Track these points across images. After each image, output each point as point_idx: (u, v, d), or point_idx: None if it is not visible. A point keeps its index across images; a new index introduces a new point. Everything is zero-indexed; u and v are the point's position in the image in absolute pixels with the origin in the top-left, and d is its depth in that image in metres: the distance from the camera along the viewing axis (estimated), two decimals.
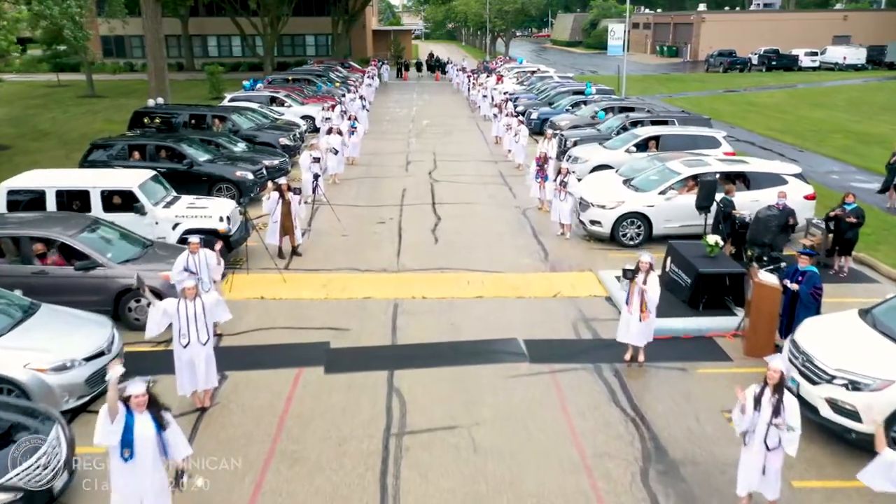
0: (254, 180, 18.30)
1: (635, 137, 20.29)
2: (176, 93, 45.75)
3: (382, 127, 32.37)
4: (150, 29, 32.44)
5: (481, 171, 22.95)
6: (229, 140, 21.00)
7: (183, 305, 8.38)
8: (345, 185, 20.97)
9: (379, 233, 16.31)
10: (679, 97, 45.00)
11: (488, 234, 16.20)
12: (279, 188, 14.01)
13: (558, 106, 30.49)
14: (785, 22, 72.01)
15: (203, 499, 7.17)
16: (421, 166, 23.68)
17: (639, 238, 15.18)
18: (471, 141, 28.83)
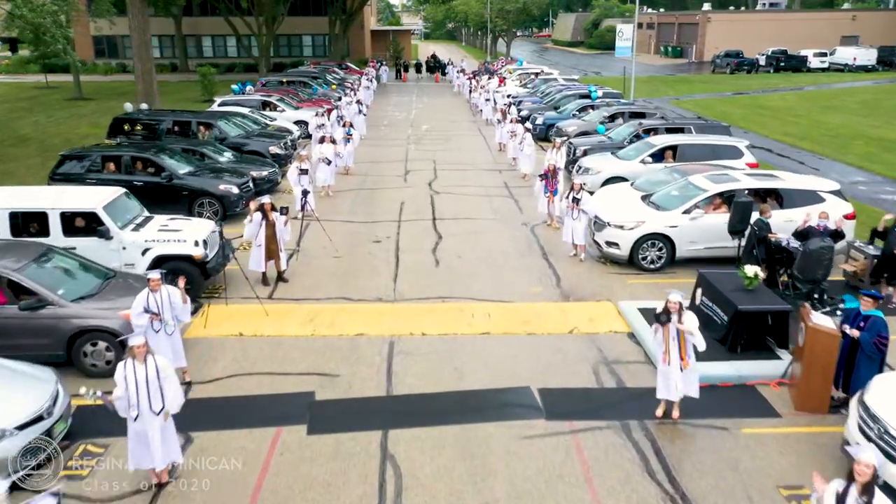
0: (239, 194, 16.89)
1: (651, 147, 18.87)
2: (167, 95, 44.35)
3: (380, 132, 30.94)
4: (137, 29, 31.02)
5: (484, 182, 21.53)
6: (215, 149, 19.59)
7: (130, 368, 6.94)
8: (339, 197, 19.54)
9: (374, 254, 14.89)
10: (686, 99, 43.61)
11: (494, 255, 14.78)
12: (262, 208, 12.59)
13: (564, 110, 29.08)
14: (792, 22, 70.57)
15: None
16: (420, 176, 22.26)
17: (660, 261, 13.76)
18: (473, 147, 27.41)
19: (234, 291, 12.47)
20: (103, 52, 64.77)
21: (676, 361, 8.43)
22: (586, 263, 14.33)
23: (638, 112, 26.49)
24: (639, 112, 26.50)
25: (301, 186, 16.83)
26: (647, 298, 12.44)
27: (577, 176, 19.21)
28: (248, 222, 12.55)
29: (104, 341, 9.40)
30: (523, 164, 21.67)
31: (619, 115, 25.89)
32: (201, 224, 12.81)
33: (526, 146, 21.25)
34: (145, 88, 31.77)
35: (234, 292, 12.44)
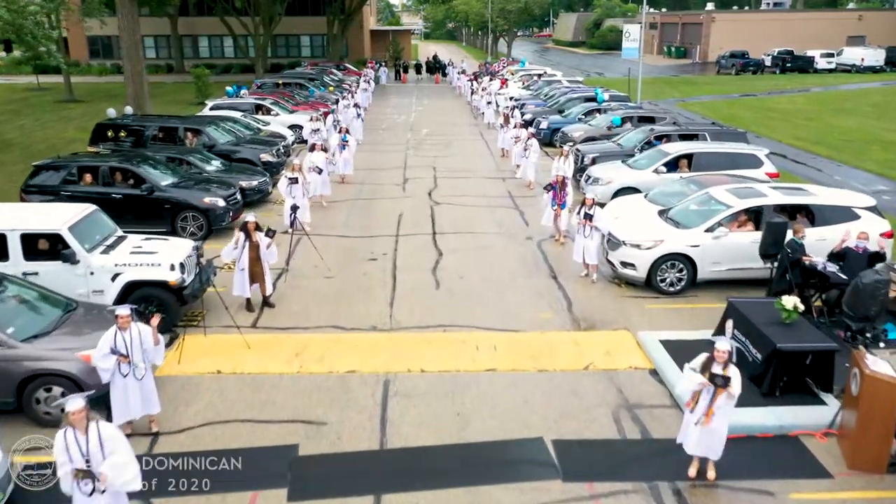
0: (225, 207, 15.76)
1: (664, 155, 17.74)
2: (160, 97, 43.25)
3: (378, 136, 29.81)
4: (127, 30, 29.90)
5: (487, 191, 20.41)
6: (202, 157, 18.47)
7: (72, 436, 5.82)
8: (333, 208, 18.42)
9: (370, 273, 13.76)
10: (693, 101, 42.48)
11: (499, 275, 13.65)
12: (245, 228, 11.46)
13: (569, 114, 27.94)
14: (797, 21, 69.42)
15: None
16: (420, 185, 21.13)
17: (680, 284, 12.64)
18: (474, 153, 26.28)
19: (213, 319, 11.35)
20: (98, 52, 63.68)
21: (700, 415, 7.32)
22: (599, 285, 13.20)
23: (647, 116, 25.38)
24: (648, 116, 25.39)
25: (292, 199, 15.74)
26: (667, 326, 11.35)
27: (586, 186, 18.11)
28: (234, 248, 11.41)
29: (60, 387, 8.27)
30: (528, 172, 20.54)
31: (627, 120, 24.78)
32: (179, 245, 11.68)
33: (532, 153, 20.12)
34: (135, 91, 30.67)
35: (214, 320, 11.33)
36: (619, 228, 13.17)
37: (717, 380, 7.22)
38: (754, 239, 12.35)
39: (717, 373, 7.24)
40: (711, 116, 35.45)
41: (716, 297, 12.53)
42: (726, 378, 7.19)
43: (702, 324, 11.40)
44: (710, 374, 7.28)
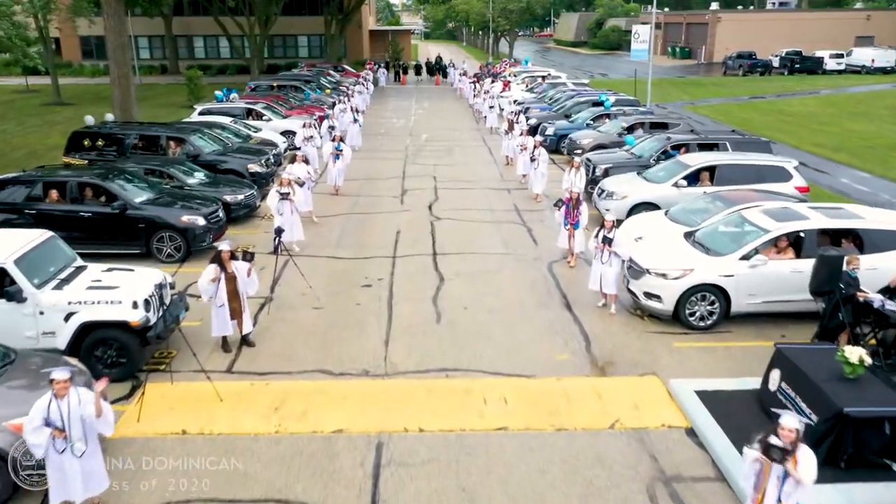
0: (206, 226, 14.37)
1: (684, 168, 16.34)
2: (151, 100, 41.91)
3: (376, 142, 28.41)
4: (113, 30, 28.43)
5: (492, 204, 19.01)
6: (184, 169, 17.10)
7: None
8: (326, 225, 17.03)
9: (363, 304, 12.37)
10: (701, 104, 41.12)
11: (507, 305, 12.27)
12: (218, 259, 10.06)
13: (577, 119, 26.55)
14: (804, 21, 68.05)
15: None
16: (419, 197, 19.73)
17: (712, 318, 11.25)
18: (477, 161, 24.88)
19: (184, 361, 9.95)
20: (91, 52, 62.27)
21: None
22: (619, 318, 11.81)
23: (659, 122, 24.00)
24: (660, 122, 24.01)
25: (280, 216, 14.38)
26: (701, 370, 9.98)
27: (599, 200, 16.73)
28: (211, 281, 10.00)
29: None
30: (536, 184, 19.14)
31: (638, 126, 23.40)
32: (145, 276, 10.28)
33: (541, 163, 18.69)
34: (122, 94, 29.19)
35: (185, 362, 9.92)
36: (642, 255, 11.78)
37: (775, 453, 5.87)
38: (795, 268, 11.00)
39: (776, 444, 5.89)
40: (723, 121, 34.07)
41: (752, 333, 11.18)
42: (784, 452, 5.83)
43: (740, 367, 10.05)
44: (765, 446, 5.95)
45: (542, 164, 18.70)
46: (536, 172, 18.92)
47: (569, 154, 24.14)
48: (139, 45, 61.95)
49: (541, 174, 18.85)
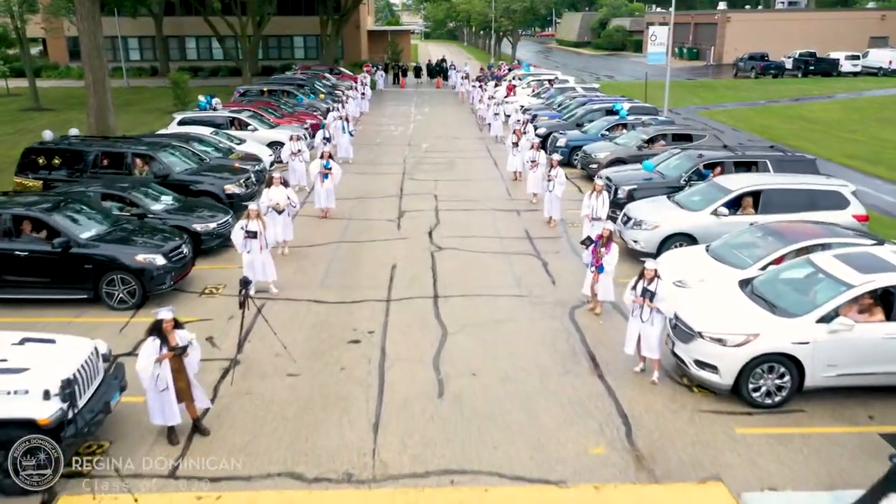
0: (166, 266, 12.18)
1: (724, 192, 14.14)
2: (137, 105, 39.74)
3: (371, 153, 26.21)
4: (87, 32, 26.25)
5: (500, 229, 16.82)
6: (149, 192, 14.92)
7: None
8: (310, 257, 14.85)
9: (349, 368, 10.17)
10: (716, 109, 38.97)
11: (524, 371, 10.07)
12: (158, 329, 7.85)
13: (590, 129, 24.33)
14: (816, 22, 65.85)
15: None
16: (418, 221, 17.53)
17: (781, 394, 9.07)
18: (482, 175, 22.68)
19: (117, 456, 7.76)
20: (79, 54, 59.76)
21: None
22: (663, 389, 9.62)
23: (682, 133, 21.81)
24: (683, 133, 21.81)
25: (248, 253, 12.20)
26: (776, 468, 7.83)
27: (625, 230, 14.53)
28: (156, 362, 7.82)
29: None
30: (551, 207, 16.91)
31: (659, 138, 21.22)
32: (70, 349, 8.08)
33: (556, 185, 16.44)
34: (98, 102, 26.99)
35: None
36: (691, 312, 9.59)
37: None
38: (888, 333, 8.82)
39: None
40: (742, 128, 31.92)
41: (830, 412, 9.02)
42: None
43: (826, 465, 7.94)
44: None
45: (557, 187, 16.46)
46: (552, 196, 16.70)
47: (582, 169, 21.99)
48: (128, 45, 59.85)
49: (556, 197, 16.64)
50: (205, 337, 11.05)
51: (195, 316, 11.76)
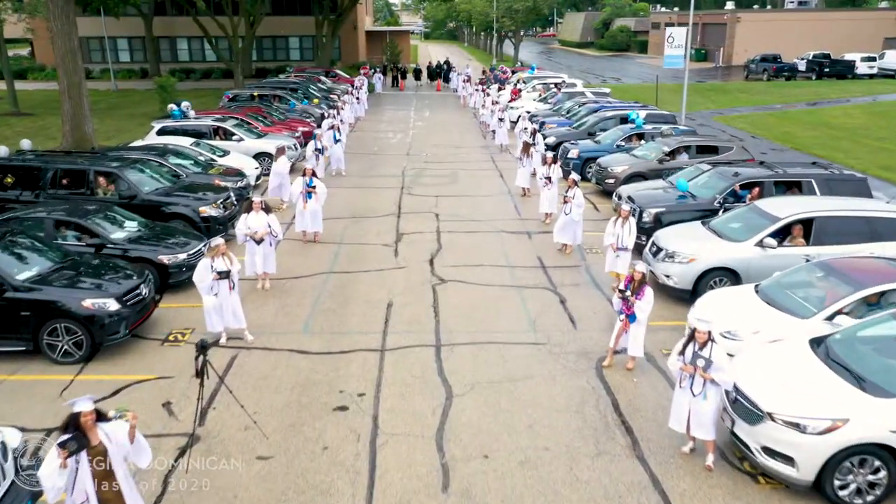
0: (120, 312, 10.31)
1: (770, 220, 12.26)
2: (122, 109, 37.87)
3: (368, 164, 24.35)
4: (61, 34, 24.42)
5: (510, 255, 14.96)
6: (110, 218, 13.06)
7: None
8: (293, 292, 12.98)
9: (333, 448, 8.30)
10: (731, 114, 37.09)
11: (547, 452, 8.20)
12: (74, 426, 5.94)
13: (604, 139, 22.43)
14: (829, 22, 63.98)
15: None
16: (418, 245, 15.67)
17: (876, 491, 7.20)
18: (487, 190, 20.80)
19: None
20: None
21: None
22: (720, 478, 7.76)
23: (708, 145, 19.95)
24: (709, 145, 19.95)
25: (215, 295, 10.34)
26: None
27: (654, 262, 12.65)
28: (58, 468, 5.93)
29: None
30: (567, 232, 14.99)
31: (682, 150, 19.39)
32: None
33: (574, 209, 14.54)
34: (73, 108, 25.18)
35: None
36: (758, 386, 7.72)
37: None
38: None
39: None
40: (763, 136, 30.06)
41: None
42: None
43: None
44: None
45: (575, 210, 14.55)
46: (567, 217, 14.82)
47: (598, 184, 20.11)
48: (117, 46, 58.04)
49: (574, 221, 14.74)
50: (161, 402, 9.22)
51: (151, 374, 9.91)
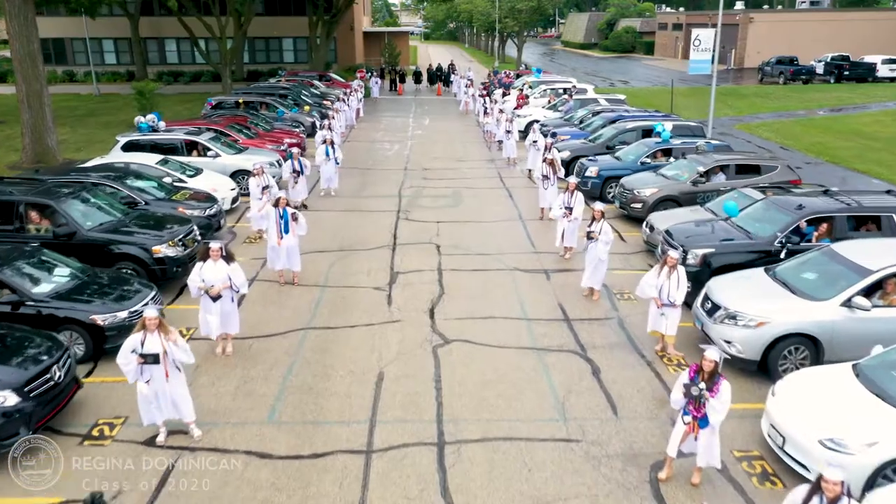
0: (21, 407, 7.79)
1: (859, 273, 9.72)
2: (100, 116, 35.32)
3: (361, 181, 21.83)
4: (18, 35, 21.93)
5: (526, 305, 12.43)
6: (35, 264, 10.54)
7: None
8: (262, 356, 10.45)
9: None
10: (753, 122, 34.57)
11: None
12: None
13: (626, 155, 19.87)
14: (846, 23, 61.45)
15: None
16: (416, 290, 13.13)
17: None
18: (495, 214, 18.25)
19: None
20: (49, 57, 55.36)
21: None
22: None
23: (748, 164, 17.42)
24: (749, 164, 17.42)
25: (145, 384, 7.86)
26: None
27: (712, 325, 10.13)
28: None
29: None
30: (593, 274, 12.48)
31: (718, 170, 16.91)
32: None
33: (601, 247, 12.08)
34: (34, 118, 22.72)
35: None
36: None
37: None
38: None
39: None
40: (792, 146, 27.55)
41: None
42: None
43: None
44: None
45: (602, 249, 12.08)
46: (591, 254, 12.32)
47: (622, 208, 17.58)
48: (103, 48, 55.54)
49: (599, 261, 12.26)
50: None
51: (56, 495, 7.38)
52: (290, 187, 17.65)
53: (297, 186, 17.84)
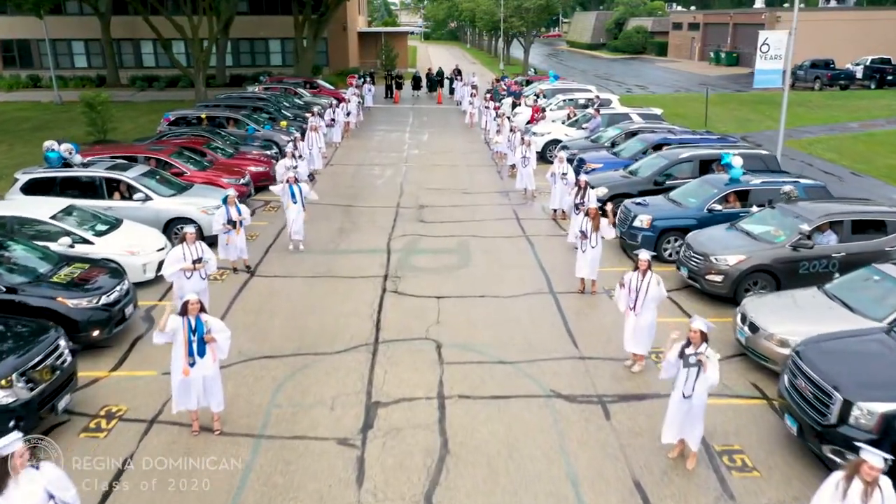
0: None
1: None
2: (48, 130, 30.30)
3: (335, 226, 17.06)
4: None
5: (578, 475, 7.70)
6: None
7: None
8: None
9: None
10: (802, 136, 29.89)
11: None
12: None
13: (685, 198, 15.08)
14: (882, 22, 56.72)
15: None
16: (402, 450, 8.33)
17: None
18: (516, 284, 13.42)
19: None
20: (13, 60, 50.72)
21: None
22: None
23: (868, 220, 12.64)
24: (872, 220, 12.65)
25: None
26: None
27: None
28: None
29: None
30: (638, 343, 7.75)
31: (826, 227, 12.19)
32: None
33: (644, 322, 7.36)
34: None
35: None
36: None
37: None
38: None
39: None
40: (864, 171, 22.84)
41: None
42: None
43: None
44: None
45: (647, 323, 7.37)
46: (638, 323, 7.62)
47: (692, 279, 12.80)
48: (73, 50, 50.82)
49: (647, 335, 7.54)
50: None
51: None
52: (223, 244, 13.00)
53: (230, 245, 13.18)
